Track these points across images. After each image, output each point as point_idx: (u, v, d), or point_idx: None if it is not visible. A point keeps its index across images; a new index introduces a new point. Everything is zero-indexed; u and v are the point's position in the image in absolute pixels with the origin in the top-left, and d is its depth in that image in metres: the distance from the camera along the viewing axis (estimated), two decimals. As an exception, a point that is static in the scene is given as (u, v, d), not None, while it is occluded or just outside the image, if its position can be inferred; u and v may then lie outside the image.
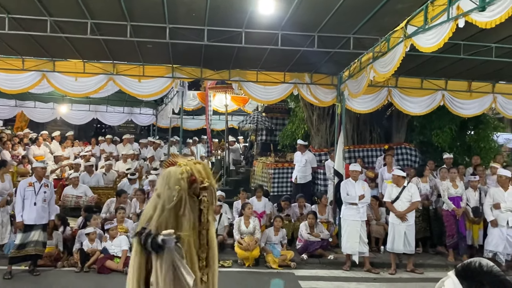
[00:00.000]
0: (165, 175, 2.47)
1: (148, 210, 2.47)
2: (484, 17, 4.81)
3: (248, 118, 13.96)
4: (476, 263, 1.36)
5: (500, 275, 1.32)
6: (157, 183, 2.53)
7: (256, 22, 6.93)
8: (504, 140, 16.44)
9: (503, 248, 7.69)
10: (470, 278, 1.32)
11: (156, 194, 2.46)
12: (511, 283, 1.30)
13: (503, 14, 4.52)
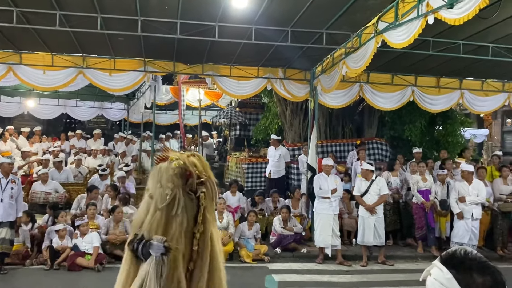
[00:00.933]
0: (156, 173, 2.20)
1: (140, 214, 2.22)
2: (452, 14, 4.94)
3: (222, 113, 13.90)
4: (462, 251, 1.40)
5: (485, 261, 1.35)
6: (148, 183, 2.24)
7: (230, 16, 6.89)
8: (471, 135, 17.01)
9: (468, 239, 7.94)
10: (458, 265, 1.35)
11: (148, 195, 2.20)
12: (497, 269, 1.34)
13: (471, 11, 4.65)
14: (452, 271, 1.34)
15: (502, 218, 8.58)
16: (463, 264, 1.34)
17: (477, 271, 1.32)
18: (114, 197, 8.82)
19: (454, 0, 4.71)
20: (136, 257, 2.14)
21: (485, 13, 5.18)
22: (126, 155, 13.22)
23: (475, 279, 1.30)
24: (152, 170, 2.25)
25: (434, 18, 5.24)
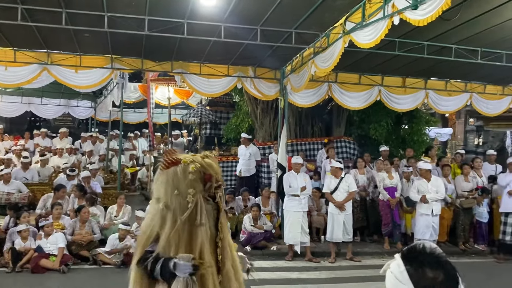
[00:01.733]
0: (169, 178, 1.92)
1: (152, 226, 1.92)
2: (417, 15, 5.06)
3: (192, 111, 13.81)
4: (420, 246, 1.43)
5: (441, 256, 1.39)
6: (158, 190, 1.95)
7: (199, 13, 6.84)
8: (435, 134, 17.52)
9: (429, 235, 8.18)
10: (413, 260, 1.39)
11: (162, 204, 1.91)
12: (451, 264, 1.38)
13: (434, 13, 4.78)
14: (407, 265, 1.38)
15: (464, 214, 8.88)
16: (417, 259, 1.38)
17: (429, 266, 1.35)
18: (81, 197, 8.62)
19: (418, 2, 4.83)
20: (149, 277, 1.88)
21: (447, 15, 5.33)
22: (93, 154, 12.93)
23: (426, 273, 1.34)
24: (162, 176, 1.95)
25: (400, 19, 5.35)
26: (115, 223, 8.21)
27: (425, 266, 1.36)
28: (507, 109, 11.85)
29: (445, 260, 1.38)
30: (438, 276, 1.34)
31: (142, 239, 1.99)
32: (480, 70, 9.54)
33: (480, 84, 11.29)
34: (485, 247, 8.89)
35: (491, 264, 8.24)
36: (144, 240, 1.95)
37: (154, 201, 1.98)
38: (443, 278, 1.33)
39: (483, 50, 8.14)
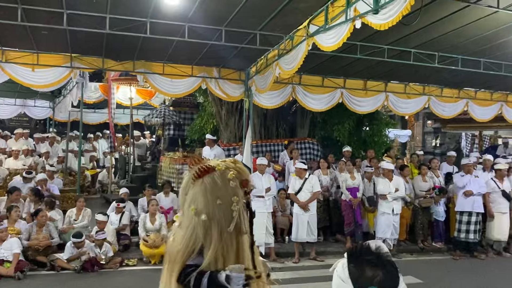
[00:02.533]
0: (208, 187, 1.78)
1: (193, 239, 1.77)
2: (378, 20, 5.19)
3: (155, 112, 13.57)
4: (365, 245, 1.45)
5: (384, 256, 1.40)
6: (193, 201, 1.80)
7: (162, 12, 6.73)
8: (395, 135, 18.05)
9: (390, 234, 8.41)
10: (355, 258, 1.41)
11: (204, 216, 1.76)
12: (393, 264, 1.40)
13: (394, 17, 4.91)
14: (350, 264, 1.40)
15: (422, 213, 9.18)
16: (359, 258, 1.40)
17: (370, 266, 1.37)
18: (37, 201, 8.29)
19: (379, 6, 4.95)
20: None
21: (407, 20, 5.49)
22: (51, 155, 12.47)
23: (365, 272, 1.36)
24: (197, 186, 1.80)
25: (362, 23, 5.47)
26: (75, 227, 7.95)
27: (366, 265, 1.38)
28: (462, 111, 12.35)
29: (387, 260, 1.40)
30: (377, 275, 1.35)
31: (181, 254, 1.81)
32: (437, 74, 9.89)
33: (437, 87, 11.72)
34: (443, 245, 9.22)
35: (448, 261, 8.55)
36: (185, 255, 1.80)
37: (189, 214, 1.82)
38: (381, 277, 1.35)
39: (440, 54, 8.46)
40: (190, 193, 1.82)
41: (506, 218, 8.76)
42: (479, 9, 6.21)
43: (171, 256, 1.81)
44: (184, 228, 1.81)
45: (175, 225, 1.84)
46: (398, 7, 4.77)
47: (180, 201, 1.85)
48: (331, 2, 5.94)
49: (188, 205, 1.81)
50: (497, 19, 6.62)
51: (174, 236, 1.83)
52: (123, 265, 7.42)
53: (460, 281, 7.19)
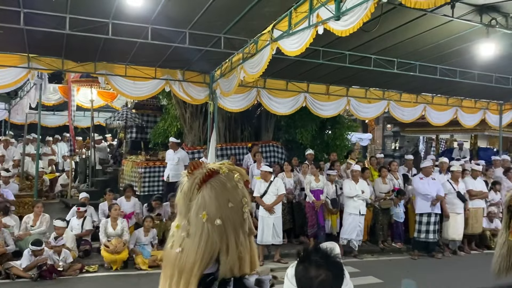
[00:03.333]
0: (218, 191, 1.71)
1: (210, 247, 1.69)
2: (339, 26, 5.32)
3: (117, 114, 13.31)
4: (316, 246, 1.48)
5: (331, 257, 1.43)
6: (205, 206, 1.69)
7: (125, 13, 6.62)
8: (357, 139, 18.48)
9: (356, 235, 8.61)
10: (304, 259, 1.44)
11: (218, 221, 1.68)
12: (339, 265, 1.43)
13: (355, 24, 5.06)
14: (299, 265, 1.44)
15: (382, 214, 9.44)
16: (307, 259, 1.44)
17: (315, 266, 1.40)
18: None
19: (340, 13, 5.08)
20: None
21: (367, 26, 5.65)
22: (5, 159, 11.97)
23: (310, 272, 1.40)
24: (206, 191, 1.71)
25: (324, 29, 5.59)
26: (32, 233, 7.66)
27: (311, 266, 1.41)
28: (420, 116, 12.81)
29: (334, 261, 1.42)
30: (320, 275, 1.38)
31: (199, 264, 1.68)
32: (396, 79, 10.23)
33: (396, 92, 12.11)
34: (402, 245, 9.50)
35: (407, 260, 8.83)
36: (203, 264, 1.68)
37: (198, 220, 1.70)
38: (324, 277, 1.38)
39: (399, 60, 8.76)
40: (197, 198, 1.70)
41: (461, 219, 9.15)
42: (435, 18, 6.48)
43: (183, 268, 1.67)
44: (196, 237, 1.68)
45: (181, 234, 1.69)
46: (359, 14, 4.92)
47: (181, 208, 1.73)
48: (295, 8, 6.03)
49: (196, 212, 1.69)
50: (451, 28, 6.93)
51: (182, 246, 1.69)
52: (83, 271, 7.21)
53: (418, 280, 7.40)
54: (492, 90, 11.06)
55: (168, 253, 1.68)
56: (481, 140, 17.45)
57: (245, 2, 6.13)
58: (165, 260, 1.72)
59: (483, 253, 9.50)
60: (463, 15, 6.28)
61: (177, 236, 1.68)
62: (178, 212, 1.72)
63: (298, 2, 5.92)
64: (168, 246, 1.67)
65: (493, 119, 13.54)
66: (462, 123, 13.32)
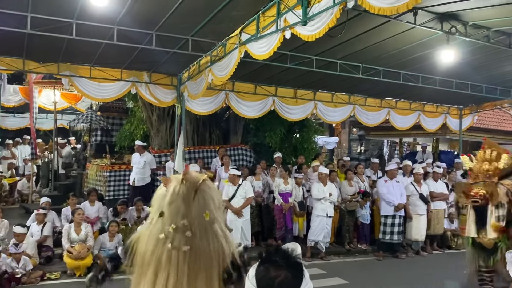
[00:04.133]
0: (208, 195, 1.92)
1: (223, 246, 1.91)
2: (306, 31, 5.39)
3: (81, 117, 12.96)
4: (278, 248, 1.52)
5: (292, 257, 1.47)
6: (207, 206, 1.90)
7: (90, 13, 6.46)
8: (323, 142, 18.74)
9: (323, 237, 8.72)
10: (265, 260, 1.47)
11: (217, 224, 1.92)
12: (299, 266, 1.46)
13: (322, 29, 5.13)
14: (259, 266, 1.47)
15: (348, 216, 9.60)
16: (267, 260, 1.47)
17: (275, 267, 1.43)
18: None
19: (307, 18, 5.15)
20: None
21: (333, 32, 5.75)
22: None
23: (269, 273, 1.43)
24: (202, 195, 1.91)
25: (291, 33, 5.65)
26: (-11, 240, 7.34)
27: (272, 266, 1.44)
28: (384, 120, 13.14)
29: (294, 262, 1.46)
30: (279, 276, 1.41)
31: (222, 258, 1.90)
32: (361, 84, 10.46)
33: (361, 97, 12.38)
34: (367, 246, 9.70)
35: (373, 261, 9.01)
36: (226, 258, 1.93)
37: (202, 221, 1.88)
38: (283, 278, 1.41)
39: (364, 66, 8.96)
40: (196, 201, 1.87)
41: (423, 220, 9.42)
42: (398, 25, 6.67)
43: (199, 264, 1.82)
44: (206, 234, 1.85)
45: (186, 234, 1.83)
46: (325, 20, 5.00)
47: (176, 210, 1.85)
48: (262, 12, 6.06)
49: (199, 212, 1.86)
50: (414, 35, 7.15)
51: (189, 245, 1.83)
52: (45, 279, 6.97)
53: (383, 280, 7.60)
54: (452, 95, 11.49)
55: (166, 255, 1.79)
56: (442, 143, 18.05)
57: (212, 5, 6.12)
58: (158, 264, 1.79)
59: (444, 253, 9.82)
60: (425, 23, 6.49)
61: (178, 237, 1.79)
62: (168, 215, 1.82)
63: (266, 7, 5.96)
64: (167, 246, 1.79)
65: (454, 123, 14.04)
66: (425, 127, 13.74)
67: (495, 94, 11.27)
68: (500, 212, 5.79)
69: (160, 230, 1.84)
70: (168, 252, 1.81)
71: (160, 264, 1.81)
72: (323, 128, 16.16)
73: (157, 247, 1.82)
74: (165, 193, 1.90)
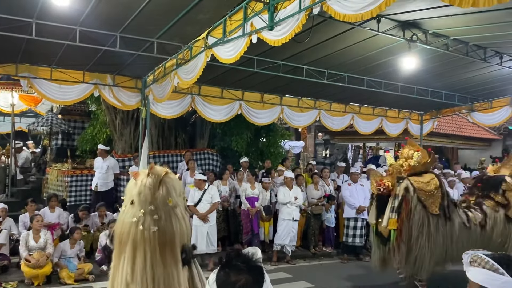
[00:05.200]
0: (170, 185, 2.30)
1: (183, 224, 2.29)
2: (272, 36, 5.42)
3: (41, 120, 12.52)
4: (239, 252, 1.52)
5: (252, 262, 1.47)
6: (170, 194, 2.27)
7: (51, 13, 6.25)
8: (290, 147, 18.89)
9: (289, 240, 8.76)
10: (226, 265, 1.48)
11: (179, 206, 2.30)
12: (259, 270, 1.46)
13: (288, 35, 5.18)
14: (220, 271, 1.47)
15: (314, 219, 9.70)
16: (228, 264, 1.47)
17: (235, 271, 1.44)
18: None
19: (273, 23, 5.18)
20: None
21: (299, 37, 5.82)
22: None
23: (230, 277, 1.43)
24: (167, 184, 2.29)
25: (258, 38, 5.68)
26: None
27: (232, 271, 1.44)
28: (349, 125, 13.39)
29: (254, 266, 1.46)
30: (240, 280, 1.42)
31: (178, 236, 2.25)
32: (327, 89, 10.62)
33: (327, 102, 12.57)
34: (332, 249, 9.82)
35: (337, 264, 9.13)
36: (179, 237, 2.26)
37: (166, 206, 2.24)
38: (244, 282, 1.41)
39: (329, 72, 9.11)
40: (160, 190, 2.26)
41: (385, 222, 9.62)
42: (362, 32, 6.83)
43: (165, 242, 2.20)
44: (169, 217, 2.23)
45: (153, 217, 2.20)
46: (291, 25, 5.05)
47: (145, 198, 2.22)
48: (229, 16, 6.06)
49: (163, 200, 2.24)
50: (377, 42, 7.34)
51: (157, 226, 2.19)
52: None
53: (347, 282, 7.71)
54: (413, 101, 11.86)
55: (139, 235, 2.16)
56: (404, 148, 18.53)
57: (178, 7, 6.05)
58: (134, 243, 2.19)
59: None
60: (388, 30, 6.67)
61: (148, 220, 2.19)
62: (138, 202, 2.23)
63: (233, 11, 5.96)
64: (141, 229, 2.17)
65: (415, 128, 14.49)
66: (387, 132, 14.10)
67: (453, 100, 11.72)
68: (395, 204, 6.21)
69: (132, 215, 2.21)
70: (141, 233, 2.17)
71: (136, 242, 2.17)
72: (289, 132, 16.28)
73: (131, 228, 2.19)
74: (135, 185, 2.28)
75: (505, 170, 7.50)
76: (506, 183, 7.08)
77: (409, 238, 6.08)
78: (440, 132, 16.09)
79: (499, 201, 6.96)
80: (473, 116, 12.92)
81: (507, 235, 6.84)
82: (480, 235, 6.64)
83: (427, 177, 6.37)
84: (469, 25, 6.65)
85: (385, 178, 6.54)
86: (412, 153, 6.58)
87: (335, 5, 4.52)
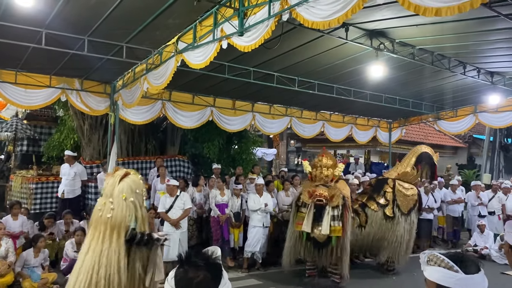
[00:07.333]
0: (131, 183, 3.12)
1: (128, 212, 3.02)
2: (243, 42, 5.45)
3: (5, 125, 12.13)
4: (196, 251, 1.55)
5: (211, 259, 1.50)
6: (124, 191, 3.06)
7: (15, 14, 6.07)
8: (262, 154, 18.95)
9: (260, 247, 8.73)
10: (185, 263, 1.50)
11: (132, 199, 3.05)
12: (218, 267, 1.50)
13: (257, 41, 5.21)
14: (179, 268, 1.50)
15: (285, 226, 9.70)
16: (187, 261, 1.50)
17: (194, 268, 1.47)
18: None
19: (243, 29, 5.21)
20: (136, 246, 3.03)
21: (269, 44, 5.88)
22: None
23: (188, 274, 1.46)
24: (125, 182, 3.11)
25: (228, 44, 5.68)
26: None
27: (191, 267, 1.47)
28: (320, 132, 13.55)
29: (213, 263, 1.50)
30: (198, 276, 1.44)
31: (124, 222, 3.00)
32: (298, 96, 10.73)
33: (298, 109, 12.70)
34: (303, 256, 9.83)
35: (307, 270, 9.13)
36: (127, 222, 3.01)
37: (120, 199, 3.03)
38: (202, 278, 1.44)
39: (300, 79, 9.22)
40: (118, 186, 3.06)
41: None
42: (331, 40, 6.95)
43: (115, 225, 2.97)
44: (119, 207, 3.01)
45: (110, 207, 3.02)
46: (261, 31, 5.08)
47: (108, 192, 3.09)
48: (199, 21, 6.05)
49: (118, 194, 3.04)
50: (346, 50, 7.48)
51: (111, 213, 3.00)
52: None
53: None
54: (382, 109, 12.12)
55: (99, 219, 3.01)
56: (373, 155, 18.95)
57: (148, 12, 5.99)
58: (96, 223, 3.04)
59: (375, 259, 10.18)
60: (356, 39, 6.82)
61: (106, 208, 3.02)
62: (104, 195, 3.10)
63: (203, 16, 5.95)
64: (100, 214, 3.03)
65: (384, 136, 14.80)
66: (356, 139, 14.34)
67: (420, 108, 12.05)
68: (335, 212, 6.94)
69: (99, 204, 3.09)
70: (102, 218, 3.02)
71: (97, 223, 3.03)
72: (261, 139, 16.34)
73: (96, 214, 3.07)
74: (106, 182, 3.14)
75: (393, 172, 8.97)
76: (387, 185, 8.39)
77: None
78: (408, 140, 16.50)
79: (379, 202, 8.27)
80: (439, 124, 13.32)
81: (384, 231, 8.22)
82: (361, 234, 8.17)
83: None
84: (434, 35, 6.87)
85: (319, 189, 7.08)
86: (333, 163, 7.59)
87: (304, 12, 4.59)
